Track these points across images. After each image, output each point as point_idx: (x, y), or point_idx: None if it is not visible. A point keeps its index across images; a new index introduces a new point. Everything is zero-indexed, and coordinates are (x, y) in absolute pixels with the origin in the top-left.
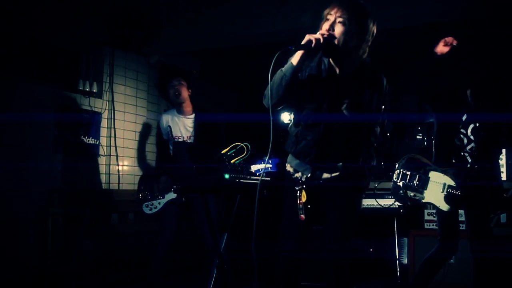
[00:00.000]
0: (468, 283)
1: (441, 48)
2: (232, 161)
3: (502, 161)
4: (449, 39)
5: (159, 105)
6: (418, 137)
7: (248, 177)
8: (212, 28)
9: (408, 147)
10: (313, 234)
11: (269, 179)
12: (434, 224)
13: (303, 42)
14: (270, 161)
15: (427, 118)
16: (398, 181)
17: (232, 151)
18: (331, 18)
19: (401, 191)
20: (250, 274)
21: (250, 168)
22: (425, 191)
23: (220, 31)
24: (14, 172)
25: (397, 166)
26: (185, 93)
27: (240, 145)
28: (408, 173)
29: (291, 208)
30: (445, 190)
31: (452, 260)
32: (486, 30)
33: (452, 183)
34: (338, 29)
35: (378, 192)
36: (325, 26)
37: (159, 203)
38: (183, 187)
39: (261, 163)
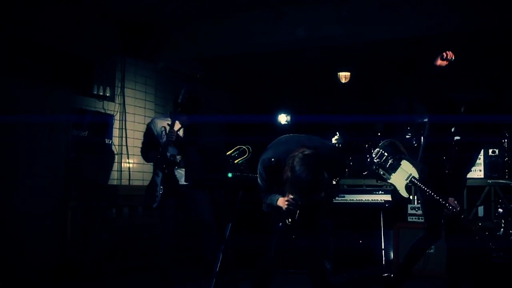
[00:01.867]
0: None
1: (440, 62)
2: (235, 161)
3: (480, 160)
4: (449, 54)
5: (165, 107)
6: (407, 136)
7: (249, 175)
8: (216, 38)
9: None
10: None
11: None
12: (417, 217)
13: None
14: None
15: (417, 119)
16: (375, 158)
17: (236, 152)
18: None
19: (374, 166)
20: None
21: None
22: (393, 174)
23: (222, 41)
24: (36, 170)
25: (379, 145)
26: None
27: (242, 147)
28: (385, 154)
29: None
30: (408, 179)
31: (432, 250)
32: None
33: (416, 175)
34: None
35: (367, 188)
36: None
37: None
38: (194, 183)
39: None
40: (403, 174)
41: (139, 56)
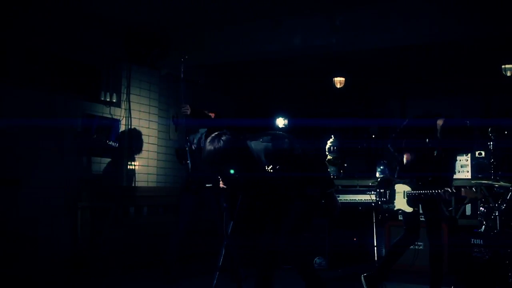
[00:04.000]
0: None
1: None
2: None
3: (467, 162)
4: None
5: (168, 111)
6: None
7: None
8: (217, 46)
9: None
10: None
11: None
12: None
13: None
14: None
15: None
16: (378, 198)
17: None
18: None
19: (383, 205)
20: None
21: None
22: (394, 201)
23: (222, 49)
24: (48, 172)
25: (376, 186)
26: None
27: None
28: (382, 190)
29: None
30: (405, 195)
31: (421, 246)
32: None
33: (409, 189)
34: None
35: (361, 188)
36: None
37: None
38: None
39: None
40: (400, 195)
41: (144, 63)
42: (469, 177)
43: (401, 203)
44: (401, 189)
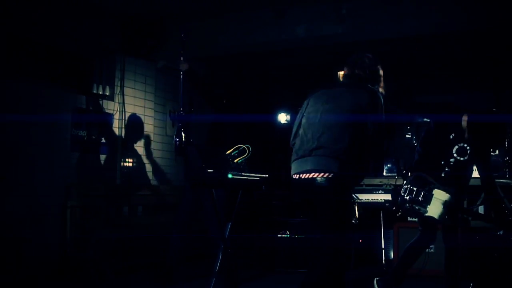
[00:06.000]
0: None
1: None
2: (235, 161)
3: None
4: None
5: (165, 106)
6: (407, 136)
7: (249, 174)
8: (216, 37)
9: (398, 146)
10: None
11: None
12: None
13: None
14: None
15: (416, 119)
16: (405, 195)
17: (235, 151)
18: None
19: (407, 204)
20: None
21: None
22: (428, 206)
23: (222, 40)
24: (35, 169)
25: (405, 182)
26: None
27: (242, 146)
28: (415, 189)
29: None
30: (446, 206)
31: (432, 249)
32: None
33: (452, 200)
34: None
35: (367, 188)
36: None
37: None
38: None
39: None
40: (438, 203)
41: (139, 55)
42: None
43: (436, 211)
44: (441, 196)
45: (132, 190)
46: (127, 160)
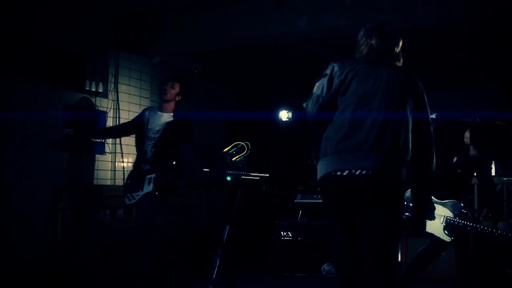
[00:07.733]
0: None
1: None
2: (233, 159)
3: None
4: None
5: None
6: None
7: (248, 174)
8: (213, 31)
9: None
10: None
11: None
12: None
13: None
14: None
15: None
16: (406, 212)
17: (233, 149)
18: None
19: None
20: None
21: None
22: (427, 222)
23: (220, 34)
24: (25, 169)
25: (405, 198)
26: (170, 95)
27: (240, 144)
28: None
29: None
30: (444, 221)
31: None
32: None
33: (451, 214)
34: None
35: None
36: None
37: (137, 195)
38: (188, 183)
39: None
40: (438, 219)
41: (133, 50)
42: (493, 174)
43: (436, 227)
44: (441, 211)
45: None
46: (121, 160)
